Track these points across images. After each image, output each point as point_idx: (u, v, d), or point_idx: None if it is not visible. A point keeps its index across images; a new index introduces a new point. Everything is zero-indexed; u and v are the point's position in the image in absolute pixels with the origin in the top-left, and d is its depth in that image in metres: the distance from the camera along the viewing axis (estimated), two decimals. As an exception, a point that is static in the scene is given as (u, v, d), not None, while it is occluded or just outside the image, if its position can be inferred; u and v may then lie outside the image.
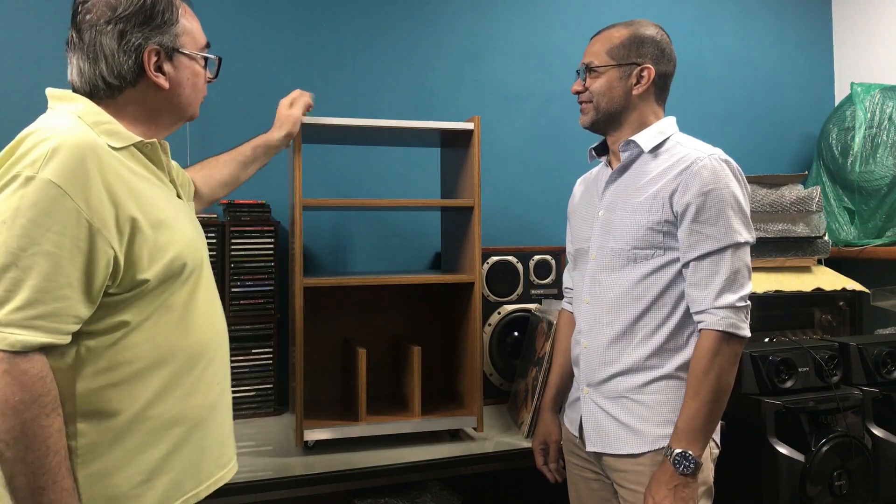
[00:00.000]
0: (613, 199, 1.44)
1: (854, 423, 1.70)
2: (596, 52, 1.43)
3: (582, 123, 1.48)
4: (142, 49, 1.09)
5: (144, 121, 1.13)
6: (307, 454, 1.68)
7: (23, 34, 1.96)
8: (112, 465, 1.02)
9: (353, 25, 2.30)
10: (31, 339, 0.93)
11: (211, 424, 1.16)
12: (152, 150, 1.13)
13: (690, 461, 1.26)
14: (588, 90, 1.44)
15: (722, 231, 1.29)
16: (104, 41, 1.07)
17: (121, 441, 1.03)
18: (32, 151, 0.95)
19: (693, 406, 1.28)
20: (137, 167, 1.09)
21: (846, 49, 2.86)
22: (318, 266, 2.25)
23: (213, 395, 1.17)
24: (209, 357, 1.15)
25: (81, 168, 0.96)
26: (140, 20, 1.09)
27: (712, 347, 1.28)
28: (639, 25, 1.44)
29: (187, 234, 1.13)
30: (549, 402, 1.63)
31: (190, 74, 1.16)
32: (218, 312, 1.22)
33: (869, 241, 2.38)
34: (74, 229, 0.95)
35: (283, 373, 2.03)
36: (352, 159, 2.28)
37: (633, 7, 2.60)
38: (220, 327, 1.21)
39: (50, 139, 0.96)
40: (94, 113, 1.06)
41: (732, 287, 1.29)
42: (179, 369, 1.09)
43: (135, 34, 1.08)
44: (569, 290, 1.66)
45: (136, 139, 1.09)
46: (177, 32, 1.13)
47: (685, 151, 1.37)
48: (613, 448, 1.38)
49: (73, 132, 0.98)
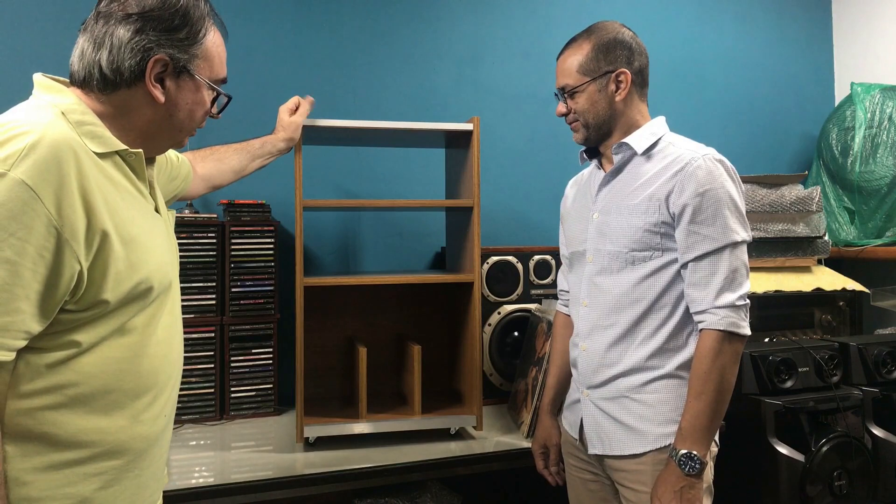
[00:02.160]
0: (608, 202, 1.44)
1: (854, 423, 1.70)
2: (568, 73, 1.43)
3: (577, 141, 1.49)
4: (150, 53, 1.00)
5: (132, 130, 1.03)
6: (307, 451, 1.69)
7: (23, 30, 1.97)
8: (38, 496, 0.92)
9: (354, 26, 2.30)
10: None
11: (150, 458, 1.06)
12: (136, 160, 1.03)
13: (696, 461, 1.26)
14: (572, 111, 1.44)
15: (719, 231, 1.30)
16: (118, 31, 0.99)
17: (51, 471, 0.93)
18: (7, 145, 0.85)
19: (697, 406, 1.28)
20: (118, 176, 1.00)
21: (846, 49, 2.86)
22: (324, 266, 2.26)
23: (158, 428, 1.07)
24: (159, 388, 1.06)
25: (58, 170, 0.87)
26: (163, 26, 1.01)
27: (714, 347, 1.28)
28: (600, 31, 1.43)
29: (158, 254, 1.05)
30: (547, 405, 1.63)
31: (191, 100, 1.06)
32: (177, 338, 1.13)
33: (869, 241, 2.38)
34: (41, 237, 0.86)
35: (284, 372, 2.03)
36: (354, 160, 2.28)
37: (633, 7, 2.61)
38: (175, 356, 1.12)
39: (28, 134, 0.86)
40: (80, 112, 0.97)
41: (731, 286, 1.30)
42: (125, 398, 0.99)
43: (150, 36, 1.00)
44: (564, 292, 1.65)
45: (120, 147, 1.00)
46: (195, 53, 1.04)
47: (679, 152, 1.37)
48: (615, 449, 1.38)
49: (54, 130, 0.89)
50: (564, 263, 1.65)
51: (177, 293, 1.14)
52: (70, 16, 1.98)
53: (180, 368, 1.15)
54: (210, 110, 1.12)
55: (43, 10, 1.98)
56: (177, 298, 1.14)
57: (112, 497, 0.99)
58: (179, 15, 1.02)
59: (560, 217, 1.66)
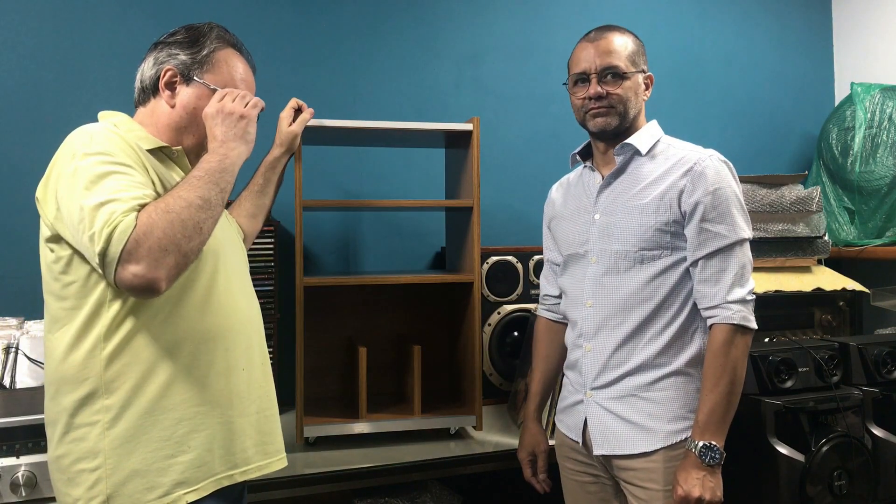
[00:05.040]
0: (611, 203, 1.44)
1: (854, 423, 1.70)
2: (619, 56, 1.40)
3: (602, 126, 1.42)
4: (164, 65, 1.25)
5: (166, 131, 1.26)
6: (308, 450, 1.69)
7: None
8: (135, 439, 1.09)
9: (354, 26, 2.30)
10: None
11: (237, 410, 1.20)
12: (179, 157, 1.26)
13: (715, 452, 1.30)
14: (610, 94, 1.40)
15: (729, 228, 1.34)
16: (149, 56, 1.28)
17: (143, 417, 1.10)
18: (74, 142, 1.11)
19: (712, 399, 1.31)
20: (164, 167, 1.22)
21: (846, 49, 2.86)
22: (324, 266, 2.26)
23: (236, 381, 1.20)
24: (230, 341, 1.20)
25: (113, 141, 1.12)
26: (180, 46, 1.26)
27: (727, 340, 1.32)
28: (630, 32, 1.47)
29: None
30: (533, 412, 1.62)
31: (202, 105, 1.25)
32: (243, 300, 1.27)
33: (869, 241, 2.38)
34: (130, 159, 1.12)
35: (284, 372, 2.03)
36: (354, 160, 2.28)
37: (633, 7, 2.61)
38: (242, 315, 1.25)
39: (83, 130, 1.13)
40: (127, 122, 1.24)
41: (741, 282, 1.34)
42: (195, 351, 1.15)
43: (168, 52, 1.26)
44: (549, 296, 1.65)
45: (162, 143, 1.23)
46: (202, 61, 1.26)
47: (682, 153, 1.40)
48: (624, 448, 1.38)
49: (102, 127, 1.15)
50: (550, 268, 1.65)
51: (234, 260, 1.30)
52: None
53: (253, 328, 1.28)
54: None
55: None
56: (234, 266, 1.28)
57: (198, 442, 1.15)
58: (192, 37, 1.27)
59: (544, 221, 1.66)
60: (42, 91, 1.99)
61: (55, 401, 1.13)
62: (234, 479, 1.19)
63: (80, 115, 1.29)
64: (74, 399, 1.10)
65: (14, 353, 1.69)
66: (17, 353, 1.69)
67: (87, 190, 1.04)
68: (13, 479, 1.37)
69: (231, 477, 1.19)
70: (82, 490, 1.08)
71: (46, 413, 1.16)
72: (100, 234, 1.00)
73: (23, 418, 1.40)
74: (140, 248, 1.00)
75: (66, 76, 2.01)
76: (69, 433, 1.10)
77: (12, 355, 1.69)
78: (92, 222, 1.01)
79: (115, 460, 1.08)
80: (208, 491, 1.15)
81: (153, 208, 1.04)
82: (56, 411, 1.12)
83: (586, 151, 1.55)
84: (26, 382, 1.67)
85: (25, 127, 1.97)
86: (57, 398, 1.12)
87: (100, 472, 1.08)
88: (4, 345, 1.70)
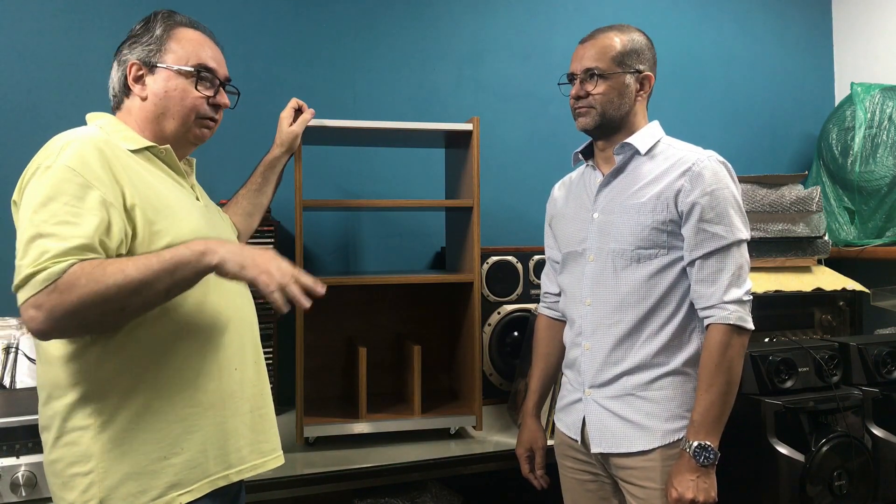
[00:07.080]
0: (610, 201, 1.45)
1: (854, 423, 1.70)
2: (599, 57, 1.42)
3: (583, 126, 1.47)
4: (127, 62, 1.25)
5: (147, 125, 1.25)
6: (307, 450, 1.69)
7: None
8: (127, 442, 1.09)
9: (354, 26, 2.30)
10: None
11: (230, 410, 1.20)
12: (167, 155, 1.25)
13: (710, 452, 1.30)
14: (590, 95, 1.43)
15: (726, 229, 1.34)
16: (115, 61, 1.28)
17: (135, 420, 1.10)
18: (44, 152, 1.10)
19: (708, 399, 1.31)
20: (152, 168, 1.21)
21: (846, 49, 2.86)
22: (324, 266, 2.25)
23: (229, 381, 1.20)
24: (222, 342, 1.20)
25: (87, 153, 1.09)
26: (136, 40, 1.26)
27: (724, 341, 1.32)
28: (630, 31, 1.46)
29: (193, 223, 1.19)
30: (532, 409, 1.63)
31: (171, 87, 1.24)
32: (237, 299, 1.26)
33: (869, 241, 2.38)
34: (93, 192, 1.07)
35: (284, 372, 2.03)
36: (354, 160, 2.28)
37: (633, 7, 2.61)
38: (235, 314, 1.24)
39: (61, 137, 1.12)
40: (114, 123, 1.23)
41: (738, 282, 1.34)
42: (187, 353, 1.15)
43: (127, 50, 1.26)
44: (550, 294, 1.65)
45: (148, 143, 1.22)
46: (158, 48, 1.25)
47: (681, 153, 1.41)
48: (622, 447, 1.38)
49: (85, 133, 1.14)
50: (551, 266, 1.66)
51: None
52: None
53: (247, 329, 1.29)
54: (212, 98, 1.28)
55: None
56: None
57: (192, 443, 1.16)
58: (143, 28, 1.27)
59: (546, 219, 1.66)
60: (42, 91, 1.99)
61: (48, 405, 1.13)
62: (229, 479, 1.19)
63: (80, 115, 1.28)
64: (66, 403, 1.10)
65: (14, 353, 1.69)
66: (17, 353, 1.70)
67: (34, 213, 1.03)
68: (13, 479, 1.37)
69: (226, 477, 1.19)
70: (76, 494, 1.08)
71: (40, 418, 1.16)
72: (23, 270, 1.00)
73: (23, 418, 1.40)
74: (49, 299, 0.98)
75: (66, 76, 2.01)
76: (62, 437, 1.10)
77: (12, 355, 1.69)
78: (24, 253, 1.01)
79: (107, 464, 1.08)
80: (203, 492, 1.15)
81: (89, 269, 1.00)
82: (49, 416, 1.12)
83: (588, 150, 1.56)
84: (26, 382, 1.68)
85: (25, 127, 1.97)
86: (49, 403, 1.12)
87: (93, 476, 1.08)
88: (4, 345, 1.70)
